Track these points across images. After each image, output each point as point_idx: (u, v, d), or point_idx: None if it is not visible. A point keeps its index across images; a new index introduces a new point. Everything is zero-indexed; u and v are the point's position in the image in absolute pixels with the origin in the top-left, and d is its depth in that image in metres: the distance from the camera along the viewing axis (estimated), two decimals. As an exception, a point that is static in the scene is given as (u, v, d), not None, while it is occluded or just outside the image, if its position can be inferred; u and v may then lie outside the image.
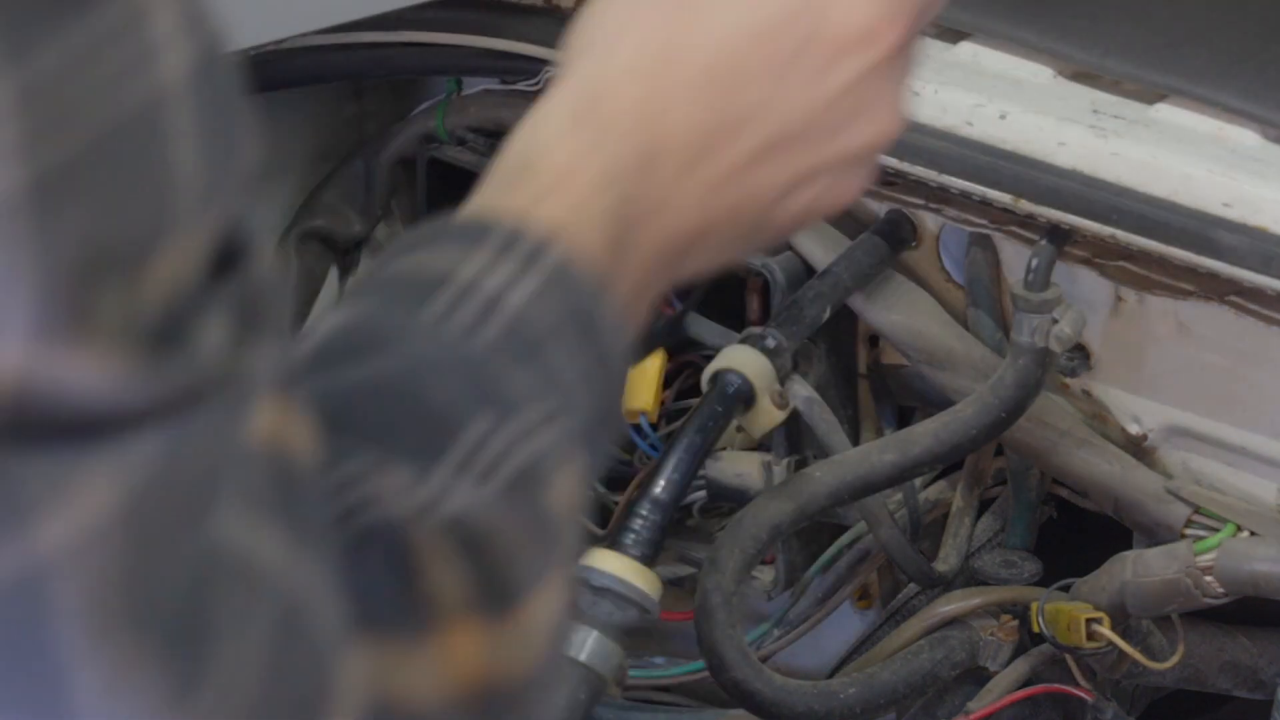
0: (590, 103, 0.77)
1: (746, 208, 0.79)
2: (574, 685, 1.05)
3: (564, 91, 0.77)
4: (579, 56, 0.79)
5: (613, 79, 0.78)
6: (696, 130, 0.78)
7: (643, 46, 0.78)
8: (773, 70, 0.78)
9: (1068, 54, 1.22)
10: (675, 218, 0.77)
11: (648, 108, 0.77)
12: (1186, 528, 1.19)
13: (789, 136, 0.79)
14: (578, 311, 0.71)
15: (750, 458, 1.32)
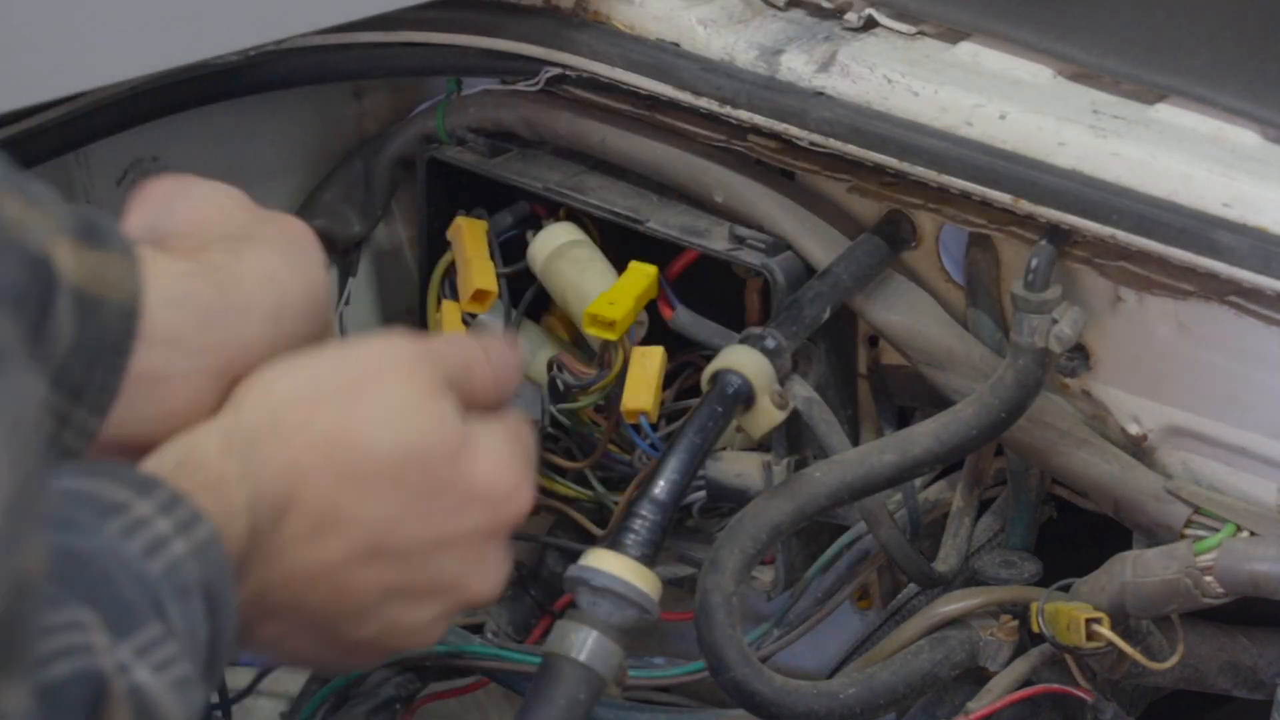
0: (247, 443, 0.88)
1: (344, 597, 0.91)
2: (574, 685, 1.05)
3: (227, 421, 0.90)
4: (251, 393, 0.91)
5: (270, 432, 0.90)
6: (326, 510, 0.89)
7: (305, 418, 0.90)
8: (410, 490, 0.91)
9: (1068, 54, 1.22)
10: (282, 572, 0.89)
11: (291, 472, 0.89)
12: (1186, 528, 1.19)
13: (402, 553, 0.92)
14: (209, 586, 0.82)
15: (750, 458, 1.32)
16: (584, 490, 1.40)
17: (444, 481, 0.92)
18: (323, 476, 0.90)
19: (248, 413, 0.91)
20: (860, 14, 1.28)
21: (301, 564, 0.90)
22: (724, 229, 1.31)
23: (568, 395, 1.35)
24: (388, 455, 0.91)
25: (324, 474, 0.90)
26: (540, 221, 1.41)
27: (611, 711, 1.36)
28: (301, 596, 0.91)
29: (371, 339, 0.94)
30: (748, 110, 1.26)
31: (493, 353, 0.98)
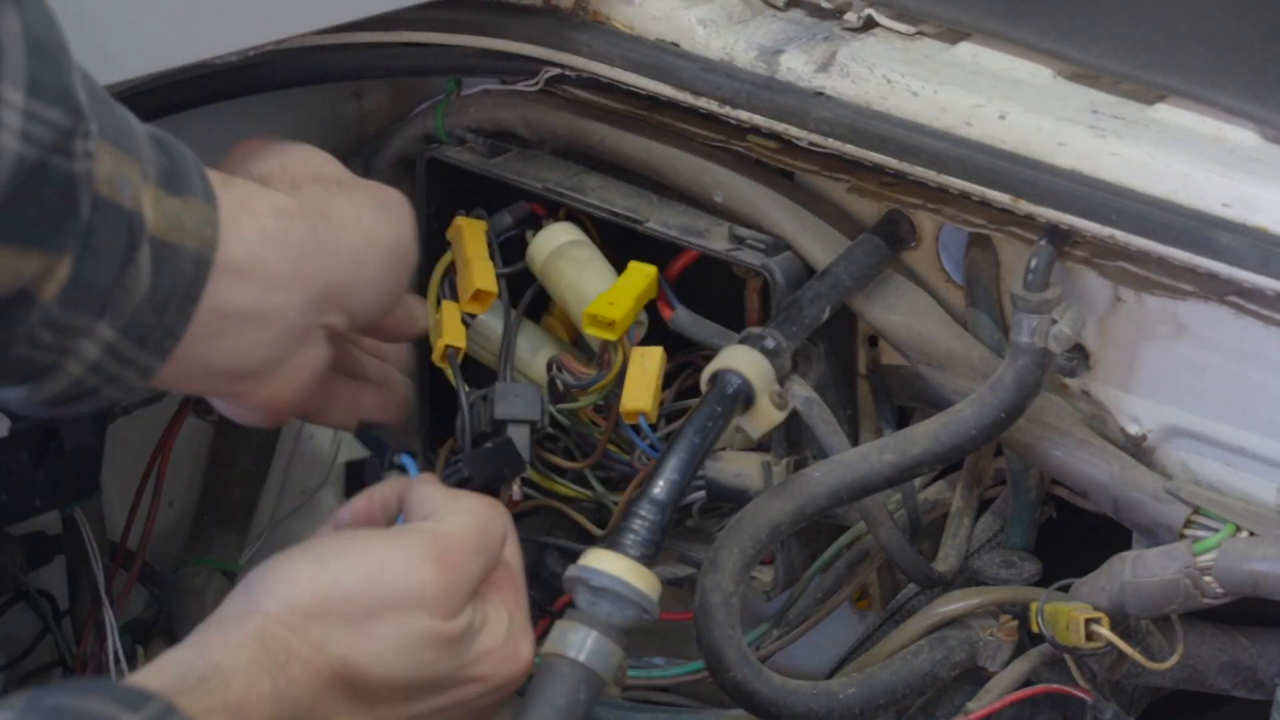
0: (278, 662, 0.93)
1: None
2: (574, 685, 1.05)
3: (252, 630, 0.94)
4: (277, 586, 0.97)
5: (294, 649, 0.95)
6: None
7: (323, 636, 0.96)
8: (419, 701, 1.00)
9: (1067, 54, 1.22)
10: None
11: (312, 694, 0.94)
12: (1186, 528, 1.19)
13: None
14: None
15: (750, 458, 1.32)
16: (584, 490, 1.40)
17: (452, 685, 1.02)
18: (340, 698, 0.97)
19: (274, 621, 0.96)
20: (860, 14, 1.28)
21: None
22: (724, 229, 1.31)
23: (567, 395, 1.35)
24: (403, 682, 0.99)
25: (341, 696, 0.97)
26: (540, 221, 1.40)
27: (611, 711, 1.36)
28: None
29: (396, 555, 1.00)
30: (747, 110, 1.26)
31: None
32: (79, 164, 0.95)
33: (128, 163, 0.98)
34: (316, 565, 0.99)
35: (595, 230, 1.40)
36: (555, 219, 1.40)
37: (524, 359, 1.39)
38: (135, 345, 0.99)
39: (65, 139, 0.93)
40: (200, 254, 1.01)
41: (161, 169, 1.00)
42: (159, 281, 0.99)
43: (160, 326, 1.00)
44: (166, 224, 1.00)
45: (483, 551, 1.04)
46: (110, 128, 0.98)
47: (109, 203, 0.97)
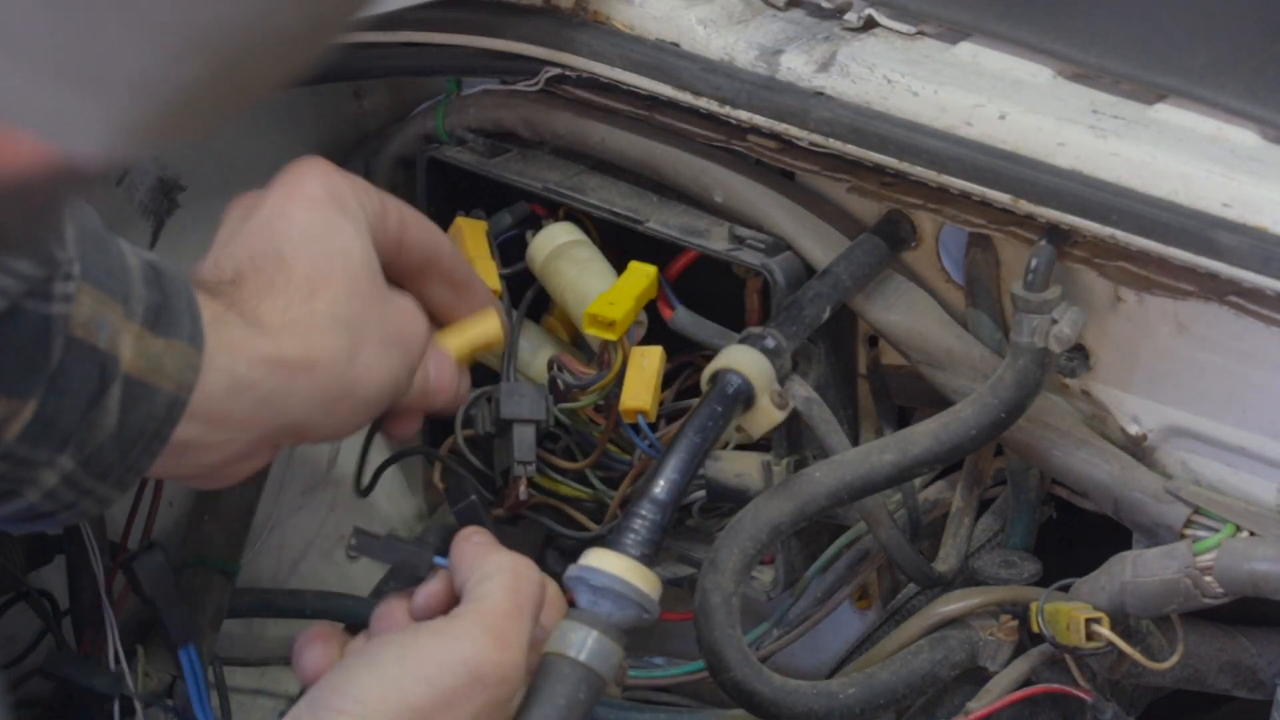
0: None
1: None
2: (574, 685, 1.05)
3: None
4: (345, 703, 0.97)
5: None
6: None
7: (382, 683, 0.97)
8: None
9: (1067, 54, 1.22)
10: None
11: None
12: (1186, 528, 1.19)
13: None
14: None
15: (750, 458, 1.32)
16: (584, 489, 1.40)
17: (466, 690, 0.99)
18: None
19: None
20: (860, 14, 1.28)
21: None
22: (724, 229, 1.31)
23: (568, 395, 1.35)
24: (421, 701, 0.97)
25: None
26: (540, 221, 1.41)
27: (611, 711, 1.36)
28: None
29: (451, 651, 1.00)
30: (747, 110, 1.26)
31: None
32: (56, 306, 0.93)
33: (109, 304, 0.96)
34: (380, 681, 0.99)
35: (595, 230, 1.40)
36: (555, 219, 1.40)
37: (525, 359, 1.39)
38: (95, 479, 0.98)
39: (40, 284, 0.92)
40: (175, 397, 0.99)
41: (150, 307, 0.98)
42: (128, 420, 0.98)
43: (124, 463, 0.99)
44: (146, 365, 0.98)
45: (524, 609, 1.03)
46: (97, 267, 0.96)
47: (83, 344, 0.95)
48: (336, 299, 1.06)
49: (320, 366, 1.05)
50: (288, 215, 1.09)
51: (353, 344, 1.06)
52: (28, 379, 0.93)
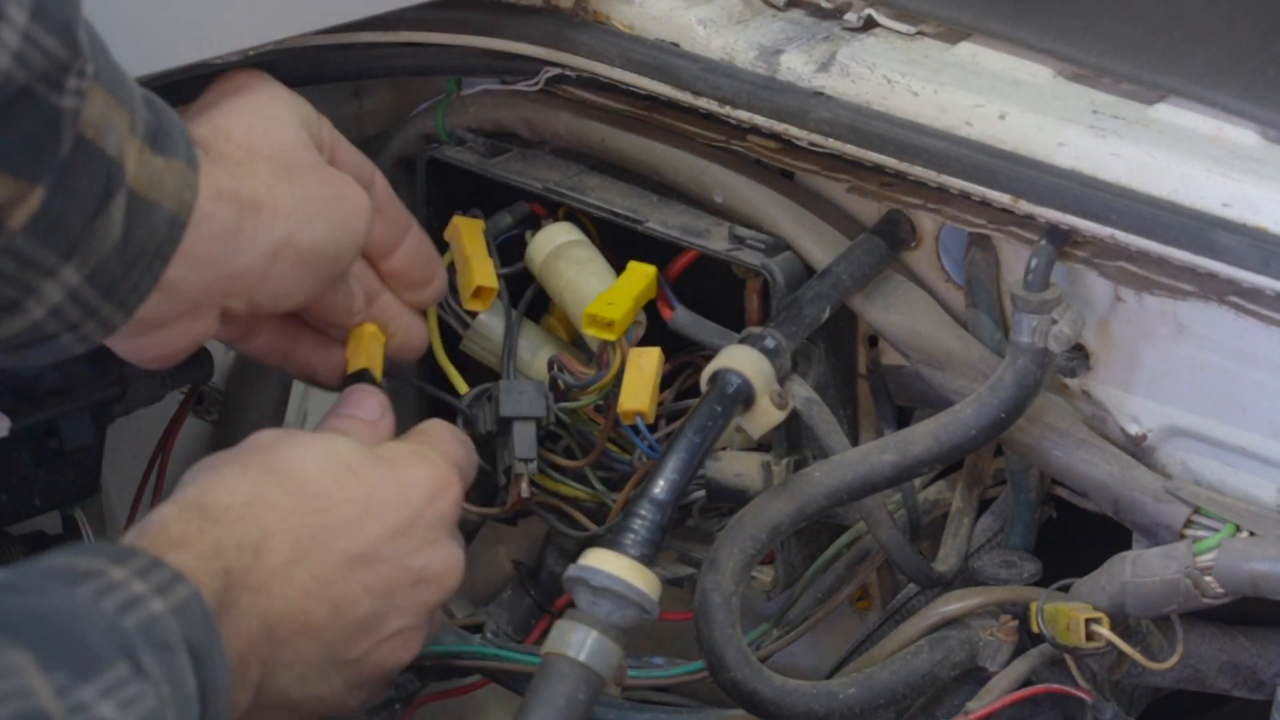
0: (197, 501, 0.98)
1: (344, 611, 1.02)
2: (573, 685, 1.05)
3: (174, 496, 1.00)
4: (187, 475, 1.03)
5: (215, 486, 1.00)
6: (298, 532, 1.00)
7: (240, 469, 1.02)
8: (353, 497, 1.03)
9: (1067, 54, 1.22)
10: (282, 600, 0.98)
11: (249, 510, 0.98)
12: (1186, 528, 1.19)
13: (373, 554, 1.03)
14: (191, 642, 0.88)
15: (750, 458, 1.32)
16: (584, 489, 1.40)
17: (378, 481, 1.05)
18: (282, 504, 1.01)
19: (192, 486, 1.02)
20: (860, 14, 1.28)
21: (298, 586, 1.00)
22: (723, 229, 1.31)
23: (568, 395, 1.35)
24: (322, 472, 1.03)
25: (282, 502, 1.01)
26: (539, 221, 1.40)
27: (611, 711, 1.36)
28: (305, 618, 1.00)
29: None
30: (747, 110, 1.26)
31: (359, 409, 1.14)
32: (68, 100, 0.95)
33: (118, 111, 0.98)
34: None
35: (595, 230, 1.40)
36: (555, 219, 1.40)
37: (524, 359, 1.39)
38: (100, 295, 1.00)
39: (58, 71, 0.94)
40: (175, 216, 1.02)
41: (149, 126, 1.01)
42: (131, 236, 1.00)
43: (128, 281, 1.01)
44: (148, 181, 1.00)
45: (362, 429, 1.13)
46: (107, 74, 0.98)
47: (92, 145, 0.97)
48: (274, 157, 1.11)
49: (265, 209, 1.08)
50: (226, 98, 1.13)
51: (293, 194, 1.10)
52: (35, 163, 0.95)
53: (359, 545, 1.03)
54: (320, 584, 1.01)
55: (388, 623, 1.05)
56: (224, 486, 1.00)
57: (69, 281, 0.99)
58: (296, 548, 1.00)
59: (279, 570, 0.99)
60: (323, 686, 1.03)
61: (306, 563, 1.00)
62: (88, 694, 0.81)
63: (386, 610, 1.05)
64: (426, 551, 1.07)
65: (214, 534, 0.97)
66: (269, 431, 1.08)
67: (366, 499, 1.05)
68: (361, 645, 1.04)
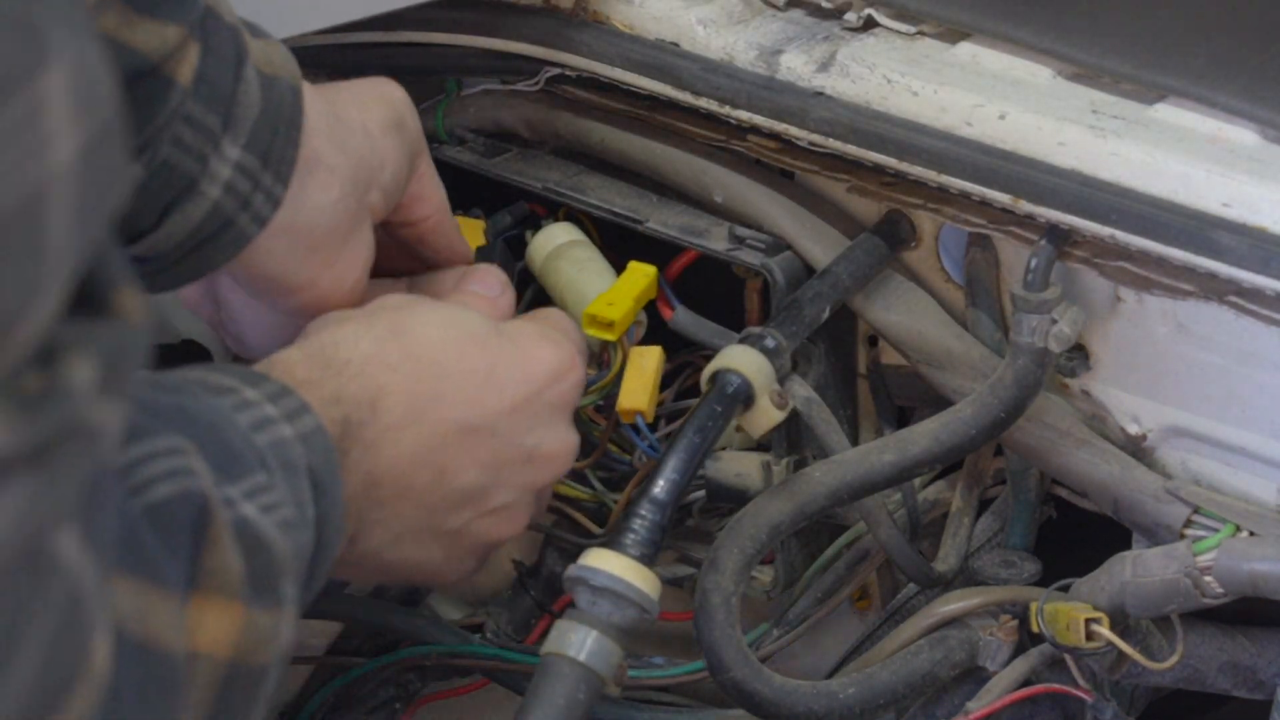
0: (320, 352, 0.98)
1: (448, 480, 1.01)
2: (573, 685, 1.05)
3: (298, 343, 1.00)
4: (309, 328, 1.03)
5: (338, 342, 1.00)
6: (414, 396, 1.00)
7: (364, 328, 1.01)
8: (474, 366, 1.03)
9: (1067, 54, 1.22)
10: (387, 460, 0.98)
11: (370, 368, 0.99)
12: (1186, 528, 1.19)
13: (487, 425, 1.03)
14: (315, 471, 0.89)
15: (750, 458, 1.32)
16: (584, 489, 1.40)
17: (501, 354, 1.05)
18: (402, 367, 1.00)
19: (318, 336, 1.01)
20: (860, 14, 1.28)
21: (404, 449, 0.99)
22: (724, 229, 1.31)
23: (568, 395, 1.35)
24: (446, 340, 1.03)
25: (402, 364, 1.00)
26: (539, 221, 1.41)
27: (611, 711, 1.36)
28: (408, 481, 1.00)
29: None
30: (747, 110, 1.26)
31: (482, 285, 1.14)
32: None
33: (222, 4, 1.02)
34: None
35: (595, 230, 1.40)
36: (555, 219, 1.40)
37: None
38: (260, 163, 1.02)
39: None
40: (293, 85, 1.04)
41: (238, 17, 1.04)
42: (267, 104, 1.02)
43: (276, 146, 1.02)
44: (261, 56, 1.03)
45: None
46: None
47: (215, 12, 1.00)
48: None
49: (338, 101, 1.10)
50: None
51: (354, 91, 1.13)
52: (187, 11, 0.97)
53: (473, 416, 1.02)
54: (428, 450, 1.00)
55: (492, 496, 1.04)
56: (348, 341, 1.00)
57: (230, 154, 1.01)
58: (411, 411, 1.00)
59: (390, 430, 0.99)
60: (418, 552, 1.03)
61: (418, 427, 1.00)
62: (234, 492, 0.83)
63: (492, 484, 1.04)
64: (541, 430, 1.06)
65: (334, 383, 0.97)
66: (398, 295, 1.08)
67: (488, 371, 1.04)
68: (463, 515, 1.04)
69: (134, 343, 0.65)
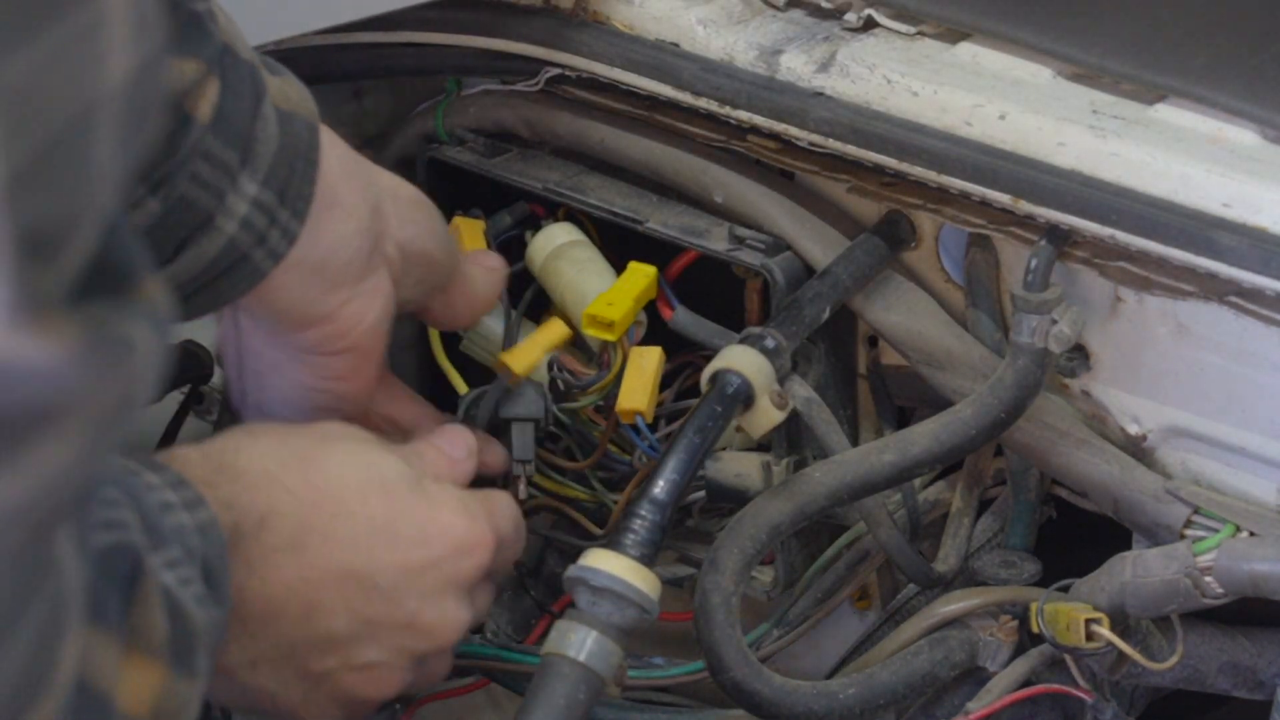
0: (222, 458, 0.97)
1: (317, 620, 0.99)
2: (573, 685, 1.05)
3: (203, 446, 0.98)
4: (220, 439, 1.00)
5: (245, 451, 0.98)
6: (302, 523, 0.97)
7: (274, 444, 1.00)
8: (375, 514, 1.00)
9: (1067, 54, 1.22)
10: (260, 582, 0.96)
11: (267, 485, 0.97)
12: (1186, 528, 1.19)
13: (370, 580, 0.99)
14: (208, 562, 0.88)
15: (750, 458, 1.32)
16: (584, 490, 1.40)
17: (408, 510, 1.02)
18: (298, 492, 0.98)
19: (221, 441, 1.00)
20: (860, 14, 1.28)
21: (280, 576, 0.97)
22: (724, 229, 1.31)
23: (568, 395, 1.35)
24: (354, 479, 1.00)
25: (299, 490, 0.98)
26: (539, 221, 1.40)
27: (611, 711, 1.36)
28: (277, 609, 0.97)
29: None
30: (747, 110, 1.26)
31: (446, 441, 1.12)
32: (199, 3, 0.98)
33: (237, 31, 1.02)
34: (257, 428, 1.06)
35: (595, 230, 1.40)
36: (555, 219, 1.40)
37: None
38: (276, 199, 1.02)
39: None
40: (310, 122, 1.04)
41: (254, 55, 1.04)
42: (284, 140, 1.02)
43: (293, 183, 1.02)
44: (277, 93, 1.03)
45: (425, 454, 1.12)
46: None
47: (232, 50, 1.00)
48: None
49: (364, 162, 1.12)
50: None
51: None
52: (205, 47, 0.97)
53: (358, 562, 0.99)
54: (304, 584, 0.97)
55: (361, 651, 1.01)
56: (252, 452, 0.98)
57: (248, 190, 1.01)
58: (297, 539, 0.97)
59: (272, 552, 0.96)
60: (275, 685, 1.00)
61: (300, 557, 0.97)
62: (156, 560, 0.82)
63: (363, 637, 1.00)
64: (427, 600, 1.02)
65: (229, 489, 0.95)
66: (334, 424, 1.06)
67: (387, 522, 1.01)
68: (327, 662, 1.00)
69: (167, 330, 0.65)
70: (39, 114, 0.56)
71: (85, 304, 0.60)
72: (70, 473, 0.58)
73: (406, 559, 1.01)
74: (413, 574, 1.01)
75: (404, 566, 1.01)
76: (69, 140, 0.57)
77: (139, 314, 0.62)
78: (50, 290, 0.57)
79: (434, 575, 1.02)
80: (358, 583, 0.99)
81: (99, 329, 0.60)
